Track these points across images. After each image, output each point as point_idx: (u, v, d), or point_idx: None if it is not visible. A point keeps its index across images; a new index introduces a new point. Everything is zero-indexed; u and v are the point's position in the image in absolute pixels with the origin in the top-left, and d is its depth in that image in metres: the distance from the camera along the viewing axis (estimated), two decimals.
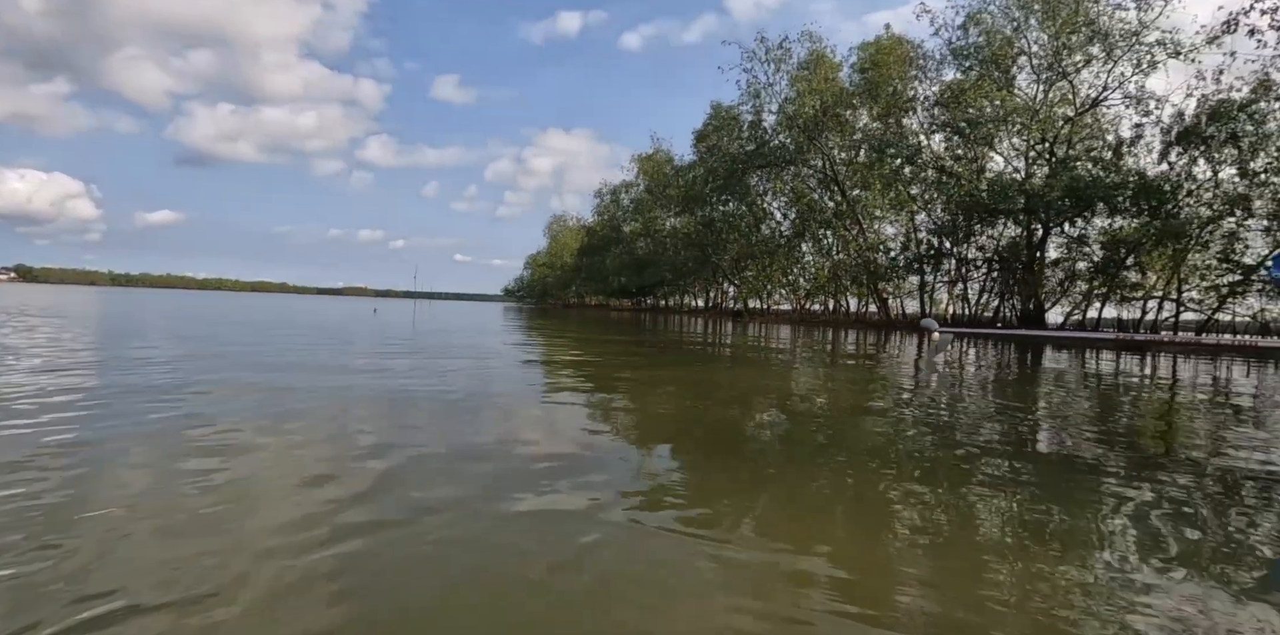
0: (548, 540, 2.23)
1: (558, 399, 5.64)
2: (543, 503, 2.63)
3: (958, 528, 2.56)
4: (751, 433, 4.64)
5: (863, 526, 2.59)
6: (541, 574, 1.95)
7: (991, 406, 6.26)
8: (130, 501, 2.48)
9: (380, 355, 9.18)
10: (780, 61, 34.15)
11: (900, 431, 4.67)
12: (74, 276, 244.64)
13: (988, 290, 32.09)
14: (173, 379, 5.65)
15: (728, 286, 57.77)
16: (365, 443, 3.60)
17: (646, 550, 2.20)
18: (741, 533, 2.40)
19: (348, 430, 3.96)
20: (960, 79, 27.53)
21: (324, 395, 5.24)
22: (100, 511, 2.35)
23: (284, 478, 2.88)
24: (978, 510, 2.80)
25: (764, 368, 9.79)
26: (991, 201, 25.73)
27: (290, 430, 3.84)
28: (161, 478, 2.82)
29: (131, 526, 2.21)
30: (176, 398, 4.74)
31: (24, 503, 2.37)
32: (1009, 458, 3.91)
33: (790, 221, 43.69)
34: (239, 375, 6.25)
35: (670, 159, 56.83)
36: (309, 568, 1.92)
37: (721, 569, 2.05)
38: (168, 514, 2.35)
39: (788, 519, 2.61)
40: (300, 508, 2.46)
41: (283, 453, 3.32)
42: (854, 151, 34.59)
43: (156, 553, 2.02)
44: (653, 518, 2.53)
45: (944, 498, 2.94)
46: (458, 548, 2.12)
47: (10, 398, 4.46)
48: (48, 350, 7.71)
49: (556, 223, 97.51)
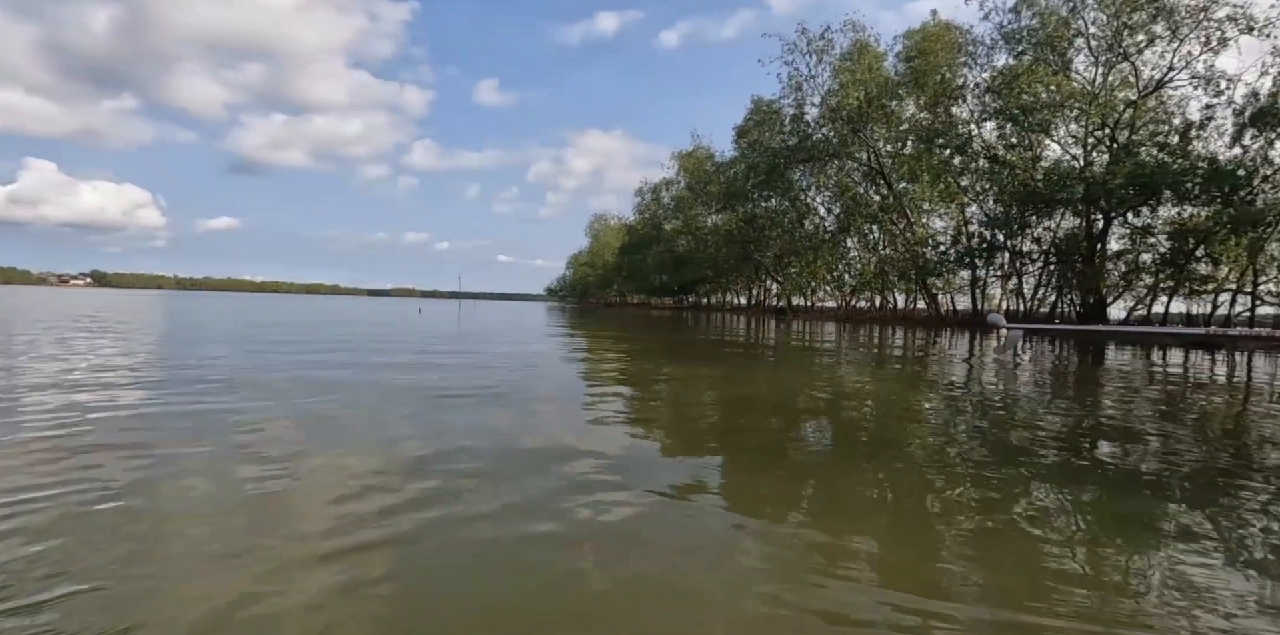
0: (586, 531, 2.31)
1: (599, 397, 5.60)
2: (579, 500, 2.65)
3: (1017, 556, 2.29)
4: (797, 437, 4.39)
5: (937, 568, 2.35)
6: (587, 560, 2.05)
7: (1081, 410, 5.84)
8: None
9: (427, 353, 9.25)
10: (822, 53, 33.35)
11: (967, 440, 4.36)
12: (143, 281, 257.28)
13: (1044, 284, 30.73)
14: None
15: (770, 284, 56.95)
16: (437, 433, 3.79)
17: (693, 547, 2.19)
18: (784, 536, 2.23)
19: (408, 423, 4.21)
20: (1013, 64, 26.34)
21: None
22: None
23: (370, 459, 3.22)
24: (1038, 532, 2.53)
25: (809, 368, 9.46)
26: (1048, 191, 24.56)
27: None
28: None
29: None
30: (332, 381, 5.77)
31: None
32: (1104, 472, 3.59)
33: (834, 216, 42.74)
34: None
35: (711, 156, 56.24)
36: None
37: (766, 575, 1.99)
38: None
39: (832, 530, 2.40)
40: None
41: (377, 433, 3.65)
42: (900, 143, 33.53)
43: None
44: (697, 520, 2.46)
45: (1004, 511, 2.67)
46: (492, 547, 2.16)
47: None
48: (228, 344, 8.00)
49: (598, 222, 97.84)
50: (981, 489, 2.95)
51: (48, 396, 4.62)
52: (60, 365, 6.39)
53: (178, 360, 7.60)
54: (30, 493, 2.53)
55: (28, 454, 3.13)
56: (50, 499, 2.47)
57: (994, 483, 3.05)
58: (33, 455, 3.10)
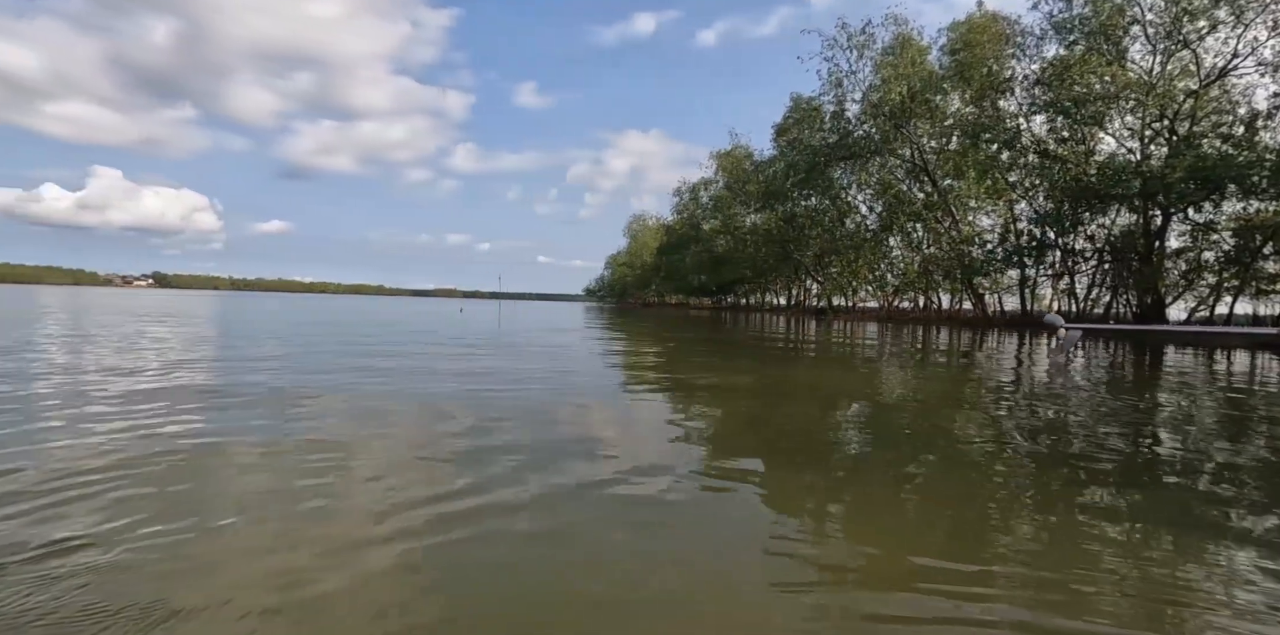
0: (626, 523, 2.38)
1: (637, 399, 5.58)
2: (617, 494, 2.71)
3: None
4: (837, 447, 4.26)
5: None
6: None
7: (1140, 416, 5.58)
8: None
9: (471, 348, 9.39)
10: (863, 48, 32.70)
11: (1018, 447, 4.20)
12: (200, 282, 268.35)
13: (1098, 284, 29.52)
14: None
15: (811, 284, 56.15)
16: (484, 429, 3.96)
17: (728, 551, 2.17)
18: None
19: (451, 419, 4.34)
20: (1064, 55, 25.33)
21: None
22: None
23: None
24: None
25: (851, 370, 9.25)
26: (1102, 186, 23.57)
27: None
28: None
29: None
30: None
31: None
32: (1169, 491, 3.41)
33: (877, 215, 41.90)
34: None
35: (749, 154, 55.76)
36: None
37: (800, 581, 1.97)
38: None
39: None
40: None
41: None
42: (945, 139, 32.64)
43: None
44: (732, 525, 2.43)
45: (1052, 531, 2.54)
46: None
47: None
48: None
49: (636, 222, 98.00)
50: (1034, 495, 2.84)
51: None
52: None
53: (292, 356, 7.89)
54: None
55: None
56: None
57: (1050, 491, 2.92)
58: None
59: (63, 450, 3.12)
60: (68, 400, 4.40)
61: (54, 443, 3.26)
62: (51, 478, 2.65)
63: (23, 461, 2.88)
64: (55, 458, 2.98)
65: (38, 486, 2.54)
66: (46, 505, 2.33)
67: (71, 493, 2.48)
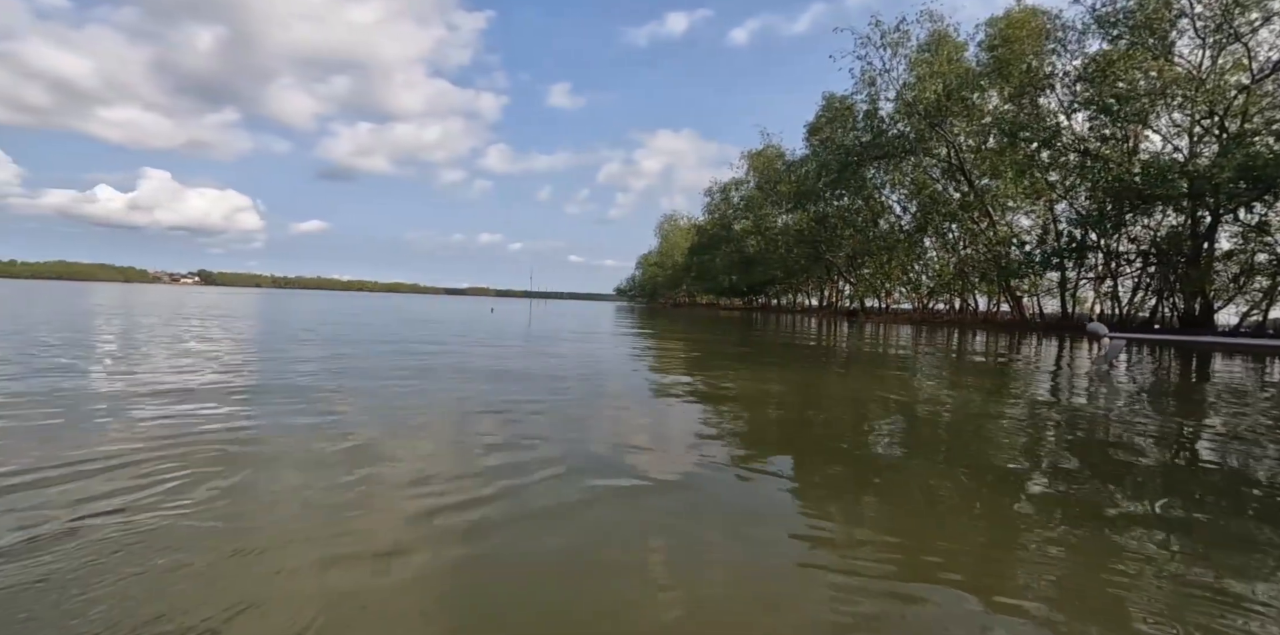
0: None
1: (667, 408, 5.52)
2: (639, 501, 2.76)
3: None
4: (870, 461, 4.17)
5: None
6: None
7: (1192, 433, 5.34)
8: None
9: (502, 349, 9.50)
10: (897, 45, 32.15)
11: (1061, 467, 4.06)
12: (243, 279, 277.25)
13: (1143, 287, 28.44)
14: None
15: (843, 285, 55.36)
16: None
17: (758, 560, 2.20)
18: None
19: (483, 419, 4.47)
20: (1107, 50, 24.49)
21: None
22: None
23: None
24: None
25: (881, 377, 9.05)
26: (1146, 186, 22.71)
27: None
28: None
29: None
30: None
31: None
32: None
33: (911, 215, 41.10)
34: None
35: (781, 154, 55.26)
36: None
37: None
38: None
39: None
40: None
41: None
42: (982, 137, 31.84)
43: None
44: (764, 533, 2.44)
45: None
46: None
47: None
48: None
49: (667, 222, 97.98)
50: (1067, 524, 2.72)
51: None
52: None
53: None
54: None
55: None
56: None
57: (1091, 521, 2.82)
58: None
59: (117, 435, 3.52)
60: (131, 393, 4.77)
61: (104, 432, 3.61)
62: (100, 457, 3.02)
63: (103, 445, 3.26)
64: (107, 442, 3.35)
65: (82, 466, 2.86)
66: (93, 482, 2.66)
67: (107, 476, 2.76)
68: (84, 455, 3.05)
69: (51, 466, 2.85)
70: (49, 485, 2.61)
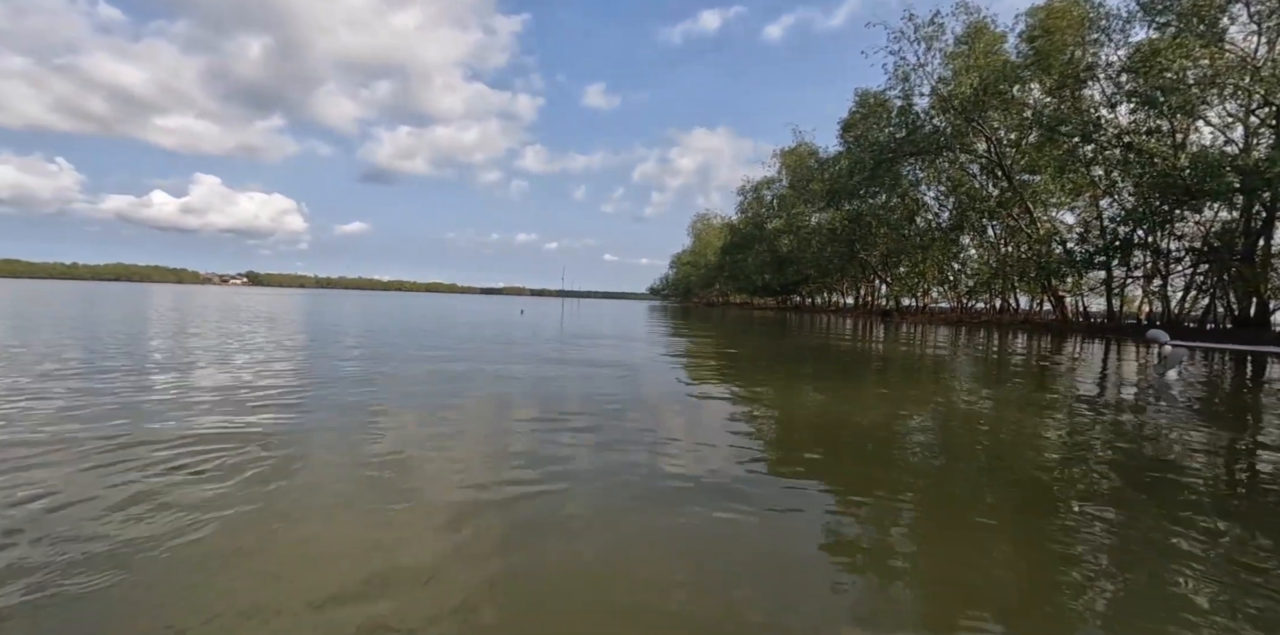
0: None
1: (701, 414, 5.49)
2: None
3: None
4: (914, 482, 3.97)
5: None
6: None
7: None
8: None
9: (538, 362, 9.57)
10: (931, 39, 31.28)
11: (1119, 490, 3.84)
12: (289, 280, 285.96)
13: (1193, 286, 27.13)
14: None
15: (878, 284, 54.29)
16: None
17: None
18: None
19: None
20: (1153, 38, 23.41)
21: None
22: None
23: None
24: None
25: (917, 383, 8.79)
26: (1194, 182, 21.63)
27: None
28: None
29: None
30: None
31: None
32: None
33: (948, 212, 40.03)
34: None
35: (814, 152, 54.42)
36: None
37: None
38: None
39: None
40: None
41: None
42: (1022, 132, 30.79)
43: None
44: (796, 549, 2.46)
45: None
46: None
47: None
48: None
49: (700, 221, 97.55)
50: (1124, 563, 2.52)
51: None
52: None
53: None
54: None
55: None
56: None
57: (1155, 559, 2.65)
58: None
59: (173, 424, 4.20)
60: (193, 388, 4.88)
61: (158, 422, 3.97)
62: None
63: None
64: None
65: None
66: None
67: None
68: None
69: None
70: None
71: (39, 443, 3.57)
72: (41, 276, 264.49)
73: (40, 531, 2.35)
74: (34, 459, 3.25)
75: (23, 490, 2.79)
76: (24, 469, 3.09)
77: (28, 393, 5.13)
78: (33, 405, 4.64)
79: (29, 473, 3.04)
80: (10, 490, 2.78)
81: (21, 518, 2.48)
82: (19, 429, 3.89)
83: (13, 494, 2.73)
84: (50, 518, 2.49)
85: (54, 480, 2.94)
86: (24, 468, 3.11)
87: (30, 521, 2.43)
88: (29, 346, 8.60)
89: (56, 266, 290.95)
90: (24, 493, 2.76)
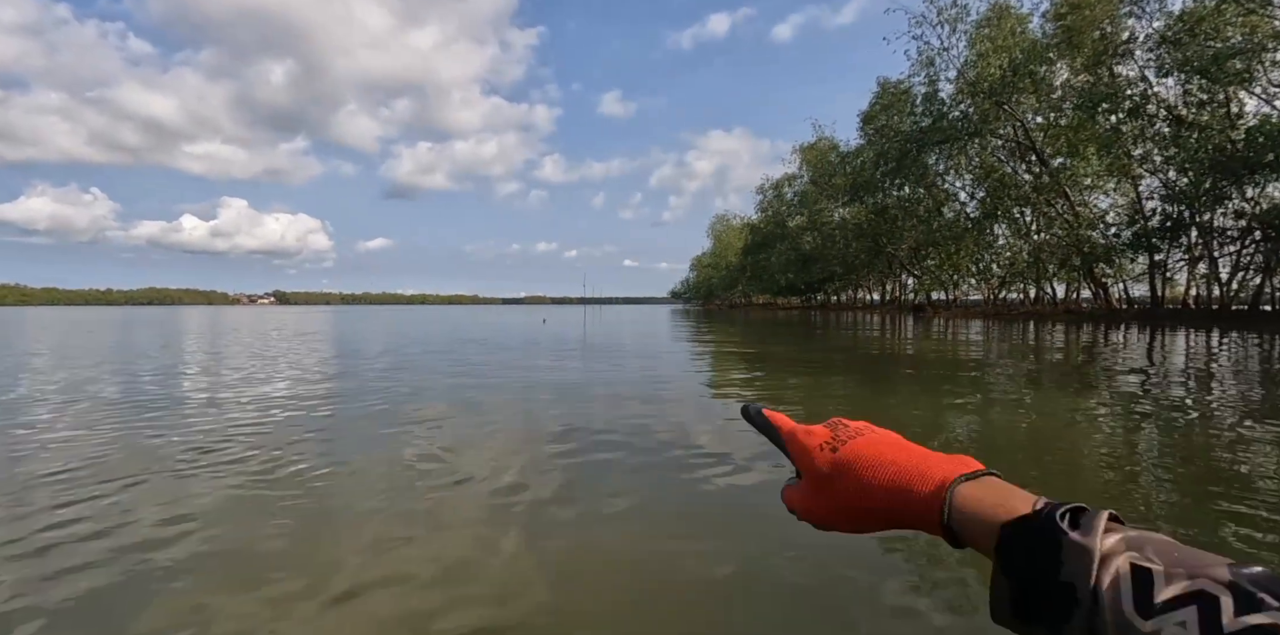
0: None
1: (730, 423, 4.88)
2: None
3: None
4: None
5: None
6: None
7: None
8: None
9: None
10: (955, 21, 30.40)
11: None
12: (314, 298, 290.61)
13: (1244, 267, 25.78)
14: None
15: (907, 278, 53.04)
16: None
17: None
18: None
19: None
20: (1193, 7, 22.29)
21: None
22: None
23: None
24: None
25: (961, 391, 8.10)
26: (1252, 155, 20.43)
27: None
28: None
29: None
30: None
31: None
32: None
33: (978, 201, 38.83)
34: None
35: (835, 146, 53.47)
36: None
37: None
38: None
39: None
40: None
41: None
42: (1054, 113, 29.65)
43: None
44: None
45: None
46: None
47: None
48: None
49: (719, 222, 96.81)
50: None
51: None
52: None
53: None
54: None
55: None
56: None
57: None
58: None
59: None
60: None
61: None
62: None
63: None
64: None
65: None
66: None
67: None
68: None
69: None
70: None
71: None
72: (79, 302, 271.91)
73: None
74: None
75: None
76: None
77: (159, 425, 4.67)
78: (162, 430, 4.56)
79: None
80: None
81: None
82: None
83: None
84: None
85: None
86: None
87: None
88: (101, 380, 8.25)
89: (92, 292, 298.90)
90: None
